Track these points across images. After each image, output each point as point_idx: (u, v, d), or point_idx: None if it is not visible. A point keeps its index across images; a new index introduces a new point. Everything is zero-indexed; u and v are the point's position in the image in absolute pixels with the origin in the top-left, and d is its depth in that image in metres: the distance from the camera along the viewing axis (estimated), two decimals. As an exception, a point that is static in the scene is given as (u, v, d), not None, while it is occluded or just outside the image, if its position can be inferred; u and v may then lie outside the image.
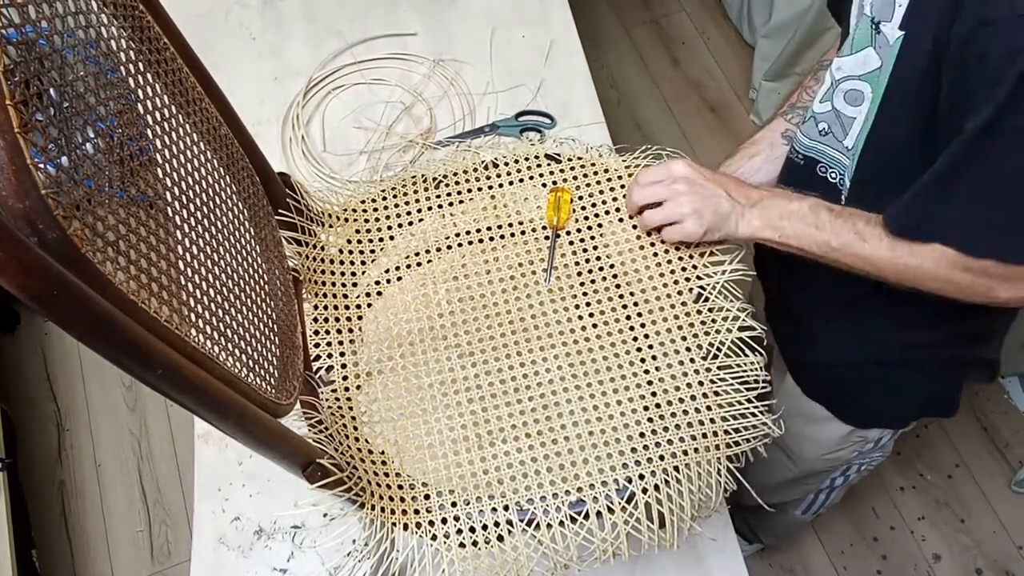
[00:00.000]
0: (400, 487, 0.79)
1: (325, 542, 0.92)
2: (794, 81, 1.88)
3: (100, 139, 0.49)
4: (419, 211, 0.94)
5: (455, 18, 1.29)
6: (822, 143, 0.90)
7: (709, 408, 0.81)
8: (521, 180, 0.95)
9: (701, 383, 0.82)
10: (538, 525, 0.76)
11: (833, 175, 0.89)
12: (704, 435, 0.79)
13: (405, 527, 0.76)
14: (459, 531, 0.76)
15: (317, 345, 0.86)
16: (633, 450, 0.79)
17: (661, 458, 0.78)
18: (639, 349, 0.85)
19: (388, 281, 0.91)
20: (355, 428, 0.82)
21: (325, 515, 0.92)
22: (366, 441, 0.81)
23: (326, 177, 1.12)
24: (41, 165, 0.41)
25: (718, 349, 0.83)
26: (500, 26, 1.27)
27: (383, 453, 0.81)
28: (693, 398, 0.81)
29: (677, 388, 0.82)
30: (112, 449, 1.70)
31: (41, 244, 0.41)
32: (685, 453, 0.79)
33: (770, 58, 1.95)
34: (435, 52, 1.24)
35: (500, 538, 0.76)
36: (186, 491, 1.65)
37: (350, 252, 0.92)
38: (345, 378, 0.85)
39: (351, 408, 0.83)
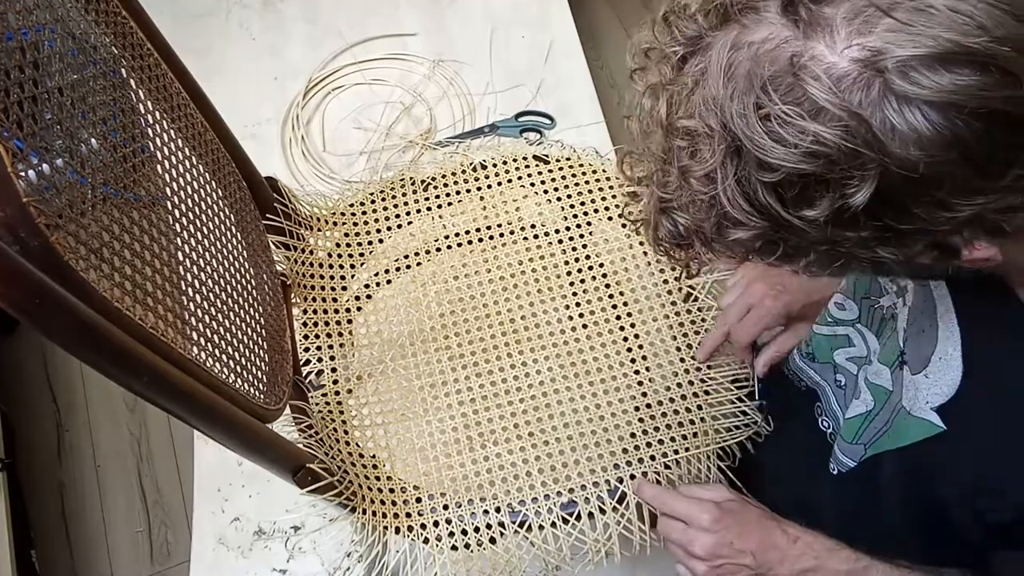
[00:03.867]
0: (391, 490, 0.79)
1: (324, 543, 0.92)
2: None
3: (83, 146, 0.49)
4: (408, 214, 0.94)
5: (455, 18, 1.29)
6: (827, 384, 0.76)
7: (699, 407, 0.81)
8: (510, 181, 0.95)
9: (691, 382, 0.82)
10: (530, 526, 0.77)
11: (825, 424, 0.75)
12: (695, 434, 0.79)
13: (397, 530, 0.77)
14: (451, 533, 0.76)
15: (307, 349, 0.86)
16: (624, 450, 0.79)
17: (652, 458, 0.78)
18: (629, 349, 0.85)
19: (378, 284, 0.91)
20: (346, 432, 0.82)
21: (324, 516, 0.93)
22: (357, 445, 0.82)
23: (326, 177, 1.13)
24: (23, 172, 0.41)
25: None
26: (500, 26, 1.27)
27: (374, 457, 0.81)
28: (683, 397, 0.81)
29: (667, 388, 0.82)
30: (112, 449, 1.70)
31: (23, 252, 0.41)
32: (676, 452, 0.79)
33: (770, 57, 1.95)
34: (435, 52, 1.24)
35: (492, 540, 0.76)
36: (186, 491, 1.65)
37: (339, 256, 0.92)
38: (335, 382, 0.85)
39: (341, 412, 0.83)
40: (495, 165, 0.97)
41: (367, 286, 0.91)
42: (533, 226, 0.92)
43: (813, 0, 0.38)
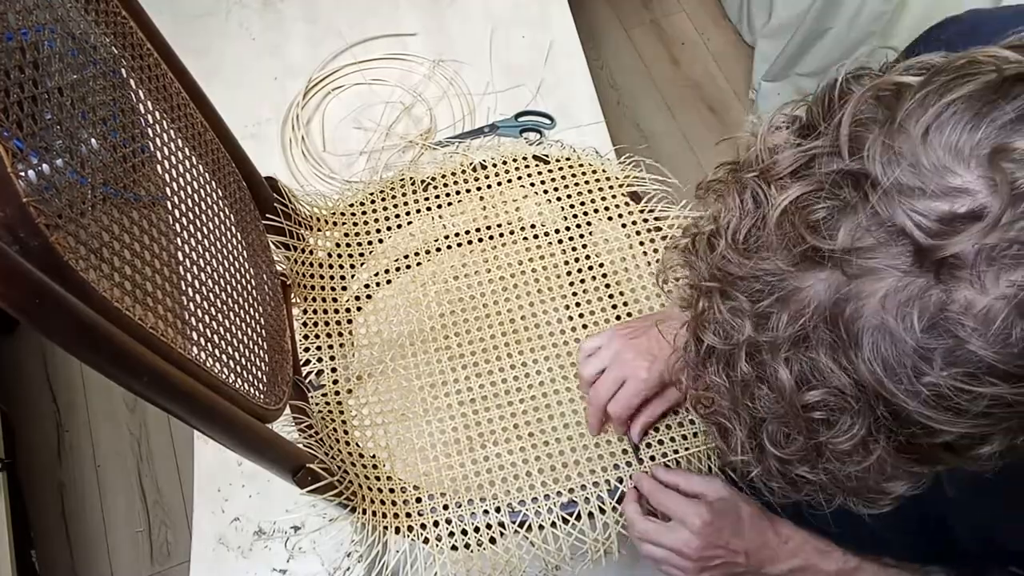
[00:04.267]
0: (392, 490, 0.79)
1: (324, 543, 0.92)
2: (794, 83, 1.88)
3: (83, 146, 0.49)
4: (408, 214, 0.94)
5: (455, 18, 1.29)
6: None
7: (700, 410, 0.81)
8: (510, 181, 0.95)
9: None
10: (530, 526, 0.77)
11: None
12: (695, 434, 0.79)
13: (397, 530, 0.77)
14: (451, 533, 0.76)
15: (307, 349, 0.86)
16: (624, 451, 0.79)
17: (652, 458, 0.78)
18: (630, 352, 0.85)
19: (378, 284, 0.91)
20: (345, 432, 0.82)
21: (324, 516, 0.93)
22: (357, 445, 0.82)
23: (326, 177, 1.13)
24: (23, 172, 0.41)
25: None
26: (500, 26, 1.27)
27: (374, 457, 0.81)
28: (684, 399, 0.81)
29: (668, 390, 0.82)
30: (112, 449, 1.70)
31: (23, 252, 0.40)
32: (676, 452, 0.79)
33: (770, 58, 1.94)
34: (435, 52, 1.24)
35: (492, 540, 0.76)
36: (186, 491, 1.66)
37: (339, 256, 0.92)
38: (335, 382, 0.85)
39: (341, 412, 0.83)
40: (495, 165, 0.97)
41: (367, 286, 0.91)
42: (533, 226, 0.92)
43: (946, 244, 0.32)
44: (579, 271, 0.89)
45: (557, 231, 0.92)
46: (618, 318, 0.86)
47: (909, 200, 0.33)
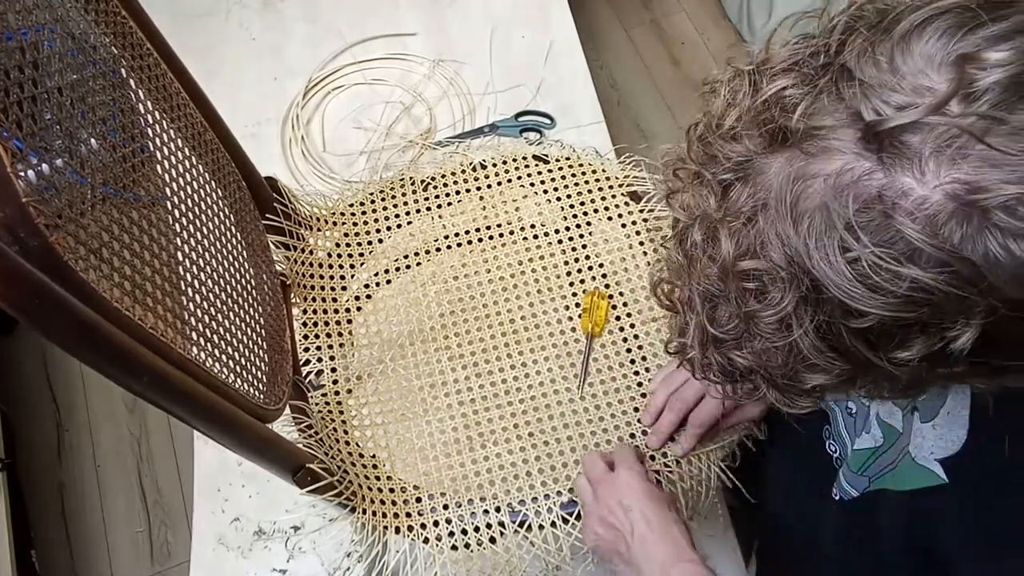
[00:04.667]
0: (391, 490, 0.79)
1: (324, 543, 0.92)
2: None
3: (83, 146, 0.49)
4: (408, 214, 0.94)
5: (455, 18, 1.29)
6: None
7: (700, 409, 0.81)
8: (509, 181, 0.95)
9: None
10: (530, 526, 0.77)
11: (833, 448, 0.73)
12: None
13: (397, 530, 0.77)
14: (451, 533, 0.76)
15: (307, 349, 0.86)
16: (624, 452, 0.79)
17: (652, 458, 0.78)
18: (629, 349, 0.85)
19: (377, 284, 0.91)
20: (345, 432, 0.82)
21: (324, 516, 0.93)
22: (357, 445, 0.82)
23: (326, 177, 1.13)
24: (22, 172, 0.41)
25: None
26: (500, 26, 1.27)
27: (374, 457, 0.81)
28: (684, 400, 0.81)
29: (668, 390, 0.82)
30: (112, 449, 1.70)
31: (23, 252, 0.40)
32: (676, 454, 0.79)
33: (770, 58, 1.95)
34: (435, 52, 1.24)
35: (492, 540, 0.76)
36: (186, 491, 1.66)
37: (339, 256, 0.92)
38: (335, 382, 0.85)
39: (341, 412, 0.83)
40: (495, 165, 0.97)
41: (367, 286, 0.91)
42: (533, 226, 0.92)
43: (895, 128, 0.34)
44: (579, 271, 0.89)
45: (557, 231, 0.92)
46: (617, 318, 0.86)
47: (874, 89, 0.35)
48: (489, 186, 0.95)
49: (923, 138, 0.33)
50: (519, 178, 0.96)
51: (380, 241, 0.93)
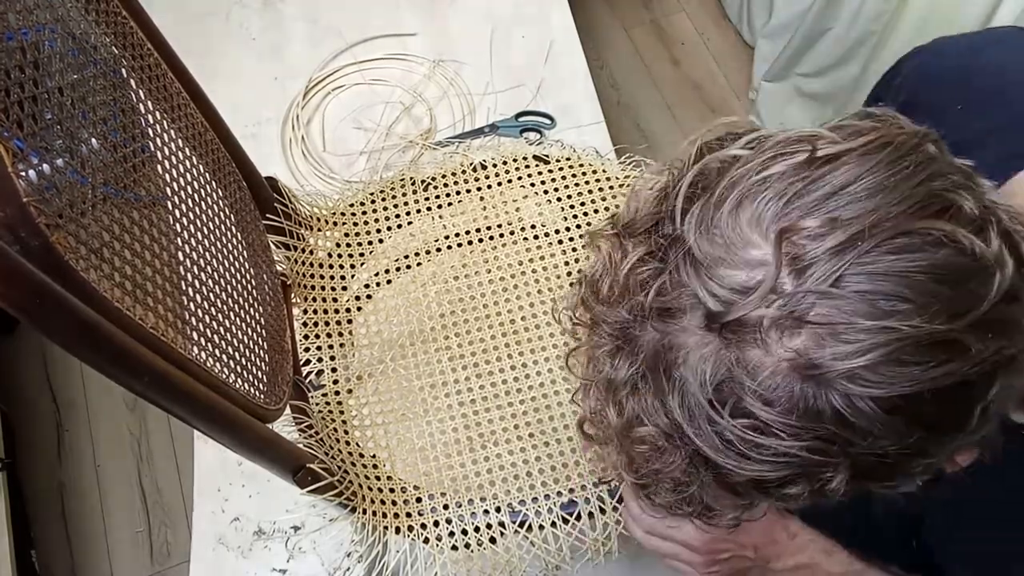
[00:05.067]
0: (392, 490, 0.79)
1: (324, 543, 0.92)
2: (794, 83, 1.88)
3: (83, 146, 0.49)
4: (408, 214, 0.94)
5: (455, 18, 1.29)
6: None
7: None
8: (510, 181, 0.95)
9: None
10: (530, 526, 0.77)
11: None
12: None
13: (397, 530, 0.77)
14: (451, 533, 0.76)
15: (307, 349, 0.86)
16: (624, 453, 0.79)
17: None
18: (631, 352, 0.85)
19: (378, 284, 0.91)
20: (346, 432, 0.82)
21: (324, 516, 0.93)
22: (357, 445, 0.82)
23: (326, 177, 1.13)
24: (23, 172, 0.41)
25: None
26: (500, 26, 1.27)
27: (374, 457, 0.81)
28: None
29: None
30: (112, 449, 1.70)
31: (23, 252, 0.40)
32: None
33: (770, 58, 1.94)
34: (435, 52, 1.24)
35: (492, 540, 0.76)
36: (186, 491, 1.66)
37: (339, 256, 0.92)
38: (335, 382, 0.85)
39: (342, 412, 0.83)
40: (495, 165, 0.97)
41: (367, 286, 0.91)
42: (533, 226, 0.92)
43: (730, 310, 0.36)
44: (579, 271, 0.89)
45: (557, 231, 0.92)
46: (618, 318, 0.86)
47: (709, 268, 0.37)
48: (489, 186, 0.95)
49: (761, 314, 0.35)
50: (519, 178, 0.96)
51: (380, 241, 0.93)
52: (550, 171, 0.96)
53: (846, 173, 0.36)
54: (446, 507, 0.77)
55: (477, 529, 0.76)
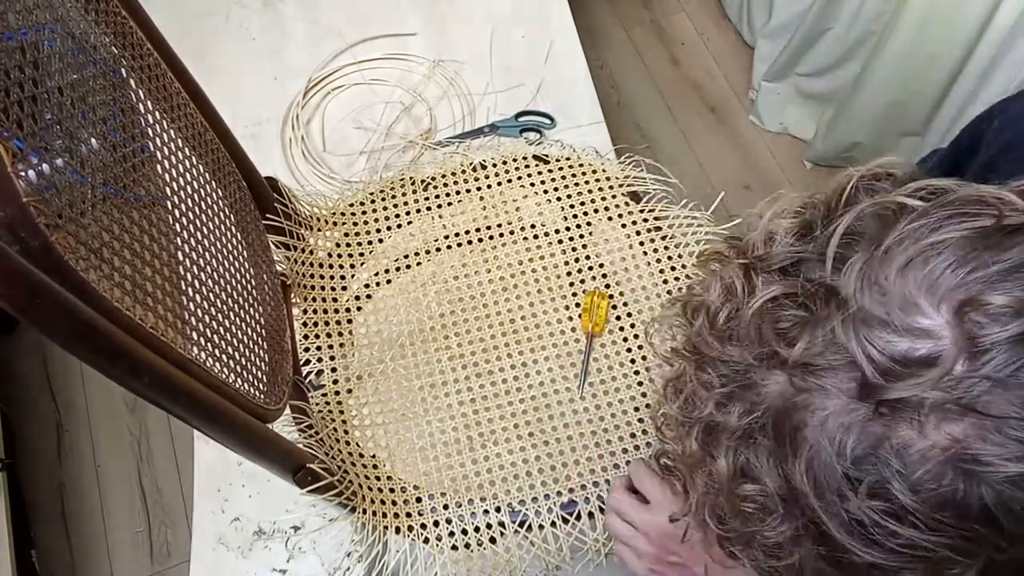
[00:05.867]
0: (392, 490, 0.79)
1: (324, 543, 0.92)
2: (794, 83, 1.88)
3: (83, 145, 0.49)
4: (408, 213, 0.94)
5: (455, 18, 1.29)
6: None
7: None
8: (509, 181, 0.95)
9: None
10: (530, 526, 0.77)
11: None
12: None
13: (397, 530, 0.77)
14: (451, 533, 0.76)
15: (307, 349, 0.86)
16: (624, 450, 0.79)
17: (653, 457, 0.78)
18: (629, 349, 0.85)
19: (378, 284, 0.91)
20: (346, 432, 0.82)
21: (324, 516, 0.93)
22: (357, 445, 0.82)
23: (326, 177, 1.13)
24: (23, 172, 0.41)
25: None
26: (500, 26, 1.27)
27: (374, 456, 0.81)
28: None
29: (668, 390, 0.82)
30: (112, 450, 1.70)
31: (23, 252, 0.40)
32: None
33: (770, 59, 1.94)
34: (435, 52, 1.24)
35: (492, 540, 0.76)
36: (186, 491, 1.66)
37: (339, 255, 0.92)
38: (335, 382, 0.85)
39: (342, 412, 0.83)
40: (495, 165, 0.97)
41: (367, 286, 0.91)
42: (533, 226, 0.92)
43: (892, 385, 0.32)
44: (579, 271, 0.89)
45: (557, 231, 0.92)
46: (618, 318, 0.86)
47: (870, 330, 0.33)
48: (489, 186, 0.95)
49: (926, 396, 0.31)
50: (519, 178, 0.96)
51: (380, 241, 0.93)
52: (550, 171, 0.96)
53: None
54: (446, 507, 0.77)
55: (477, 529, 0.76)
